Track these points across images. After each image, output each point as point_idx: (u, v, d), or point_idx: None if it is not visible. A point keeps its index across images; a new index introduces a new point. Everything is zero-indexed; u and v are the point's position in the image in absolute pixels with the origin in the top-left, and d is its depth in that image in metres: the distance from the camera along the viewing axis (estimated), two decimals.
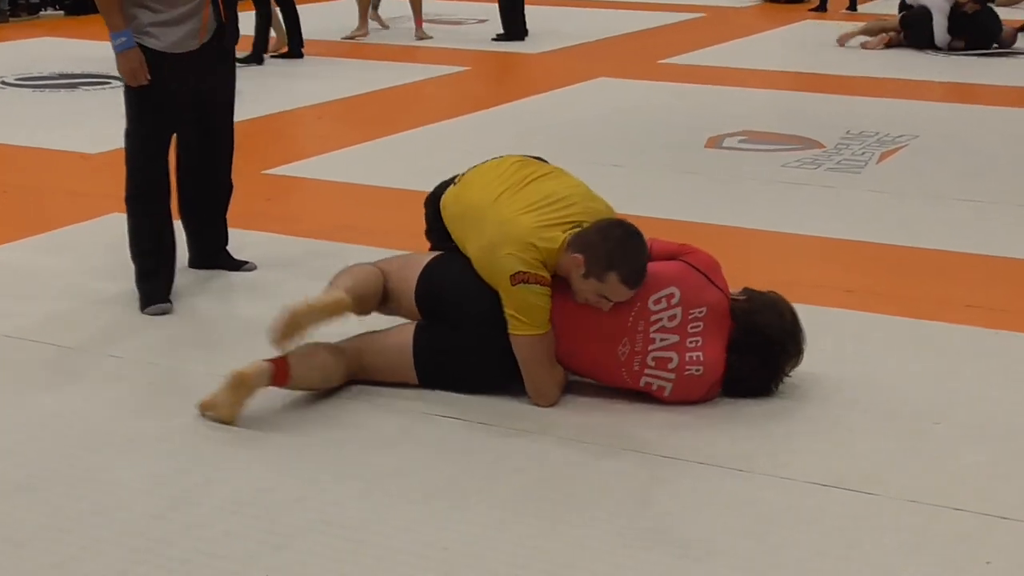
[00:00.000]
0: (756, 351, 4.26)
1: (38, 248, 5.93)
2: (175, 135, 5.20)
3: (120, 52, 4.95)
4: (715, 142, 8.34)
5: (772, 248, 6.05)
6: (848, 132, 8.60)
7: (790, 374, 4.36)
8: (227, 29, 5.13)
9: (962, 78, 11.04)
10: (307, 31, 13.24)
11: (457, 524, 3.49)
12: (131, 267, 5.16)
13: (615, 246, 4.10)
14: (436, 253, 4.44)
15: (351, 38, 13.06)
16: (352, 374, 4.30)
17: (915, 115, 9.30)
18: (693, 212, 6.56)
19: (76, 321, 4.97)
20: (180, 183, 5.38)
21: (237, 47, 5.42)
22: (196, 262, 5.49)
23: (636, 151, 8.07)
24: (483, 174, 4.45)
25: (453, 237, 4.42)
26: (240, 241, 5.64)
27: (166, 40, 5.00)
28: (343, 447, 3.95)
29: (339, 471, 3.79)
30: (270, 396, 4.19)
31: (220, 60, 5.21)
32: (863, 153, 8.00)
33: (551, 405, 4.22)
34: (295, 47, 11.60)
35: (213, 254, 5.50)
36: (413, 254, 4.51)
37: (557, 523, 3.50)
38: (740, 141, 8.37)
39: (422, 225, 5.77)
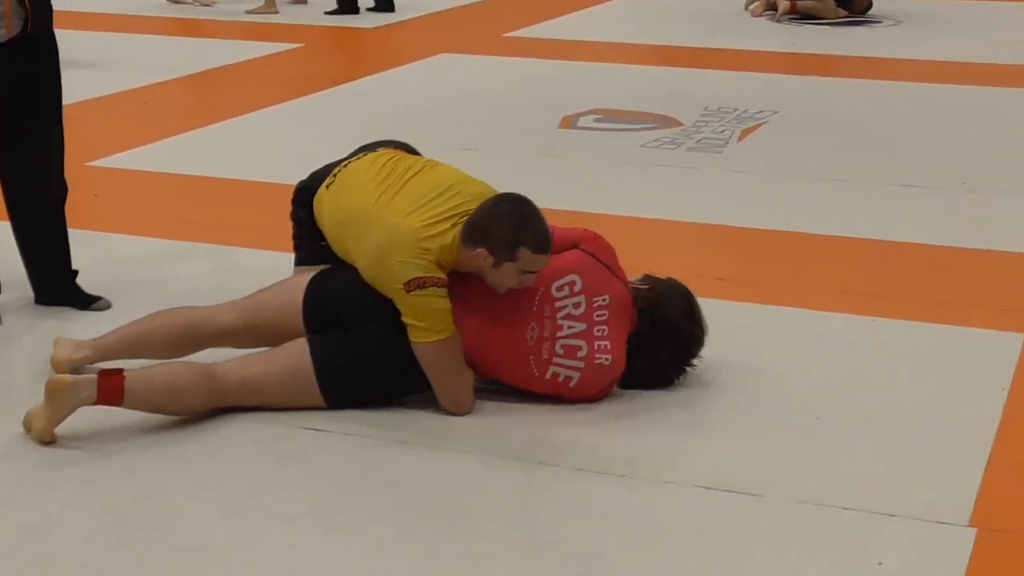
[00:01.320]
0: (665, 341, 4.37)
1: None
2: None
3: None
4: (569, 122, 8.41)
5: (637, 235, 6.12)
6: (706, 109, 8.74)
7: (694, 365, 4.45)
8: (32, 14, 4.78)
9: (817, 49, 11.26)
10: (124, 4, 13.04)
11: (334, 545, 3.48)
12: None
13: (509, 221, 4.14)
14: (312, 271, 4.41)
15: (255, 12, 12.84)
16: (221, 401, 4.18)
17: (773, 89, 9.48)
18: (551, 198, 6.48)
19: None
20: (8, 195, 5.07)
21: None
22: (41, 297, 5.13)
23: (487, 133, 8.11)
24: (358, 174, 4.43)
25: (332, 245, 4.40)
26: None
27: None
28: (203, 463, 3.91)
29: (198, 491, 3.74)
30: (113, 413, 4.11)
31: (33, 50, 4.86)
32: (723, 131, 8.14)
33: (464, 412, 4.23)
34: None
35: (58, 284, 5.13)
36: (281, 282, 4.46)
37: (440, 538, 3.52)
38: (595, 120, 8.46)
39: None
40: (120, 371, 4.07)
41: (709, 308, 4.56)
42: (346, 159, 4.59)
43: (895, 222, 6.35)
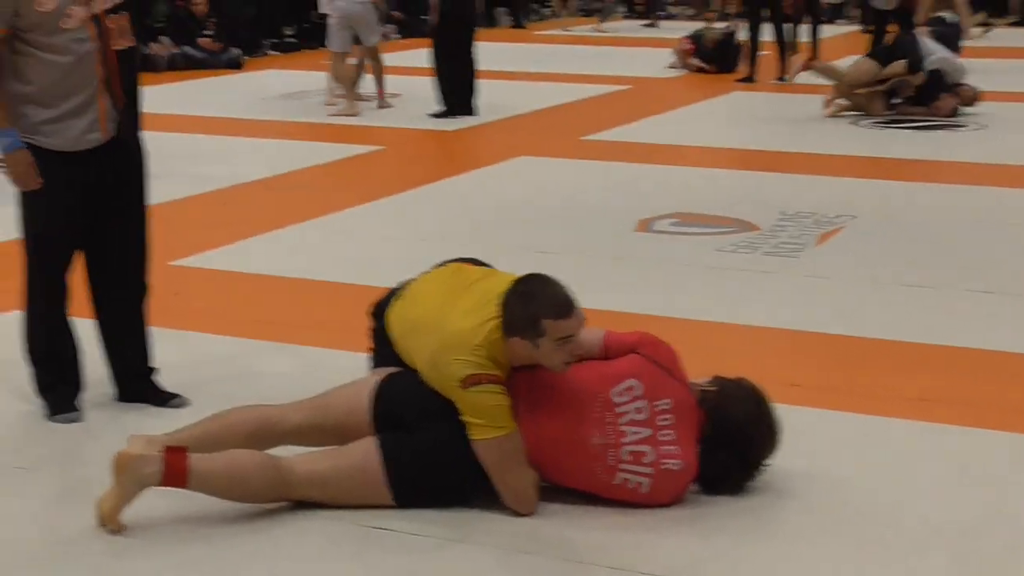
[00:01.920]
0: (734, 445, 4.38)
1: None
2: (78, 240, 5.02)
3: (6, 154, 4.79)
4: (646, 225, 8.47)
5: (710, 339, 6.16)
6: (783, 213, 8.78)
7: (768, 465, 4.46)
8: (123, 118, 4.95)
9: (896, 153, 11.28)
10: (209, 105, 13.33)
11: None
12: None
13: (520, 302, 4.22)
14: (381, 373, 4.49)
15: (338, 114, 13.17)
16: (287, 493, 4.26)
17: (851, 193, 9.50)
18: (625, 301, 6.66)
19: None
20: (93, 294, 5.16)
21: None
22: (122, 394, 5.23)
23: (563, 236, 8.19)
24: (424, 286, 4.57)
25: (401, 355, 4.51)
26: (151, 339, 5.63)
27: (61, 138, 4.83)
28: (267, 560, 3.97)
29: None
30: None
31: (122, 154, 4.99)
32: (800, 236, 8.17)
33: (530, 510, 4.26)
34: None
35: (137, 380, 5.22)
36: (350, 383, 4.53)
37: None
38: (672, 224, 8.52)
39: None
40: (184, 449, 4.15)
41: (781, 414, 4.57)
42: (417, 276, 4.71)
43: (973, 329, 6.33)
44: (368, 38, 13.28)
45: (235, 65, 17.30)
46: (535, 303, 4.21)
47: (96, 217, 5.01)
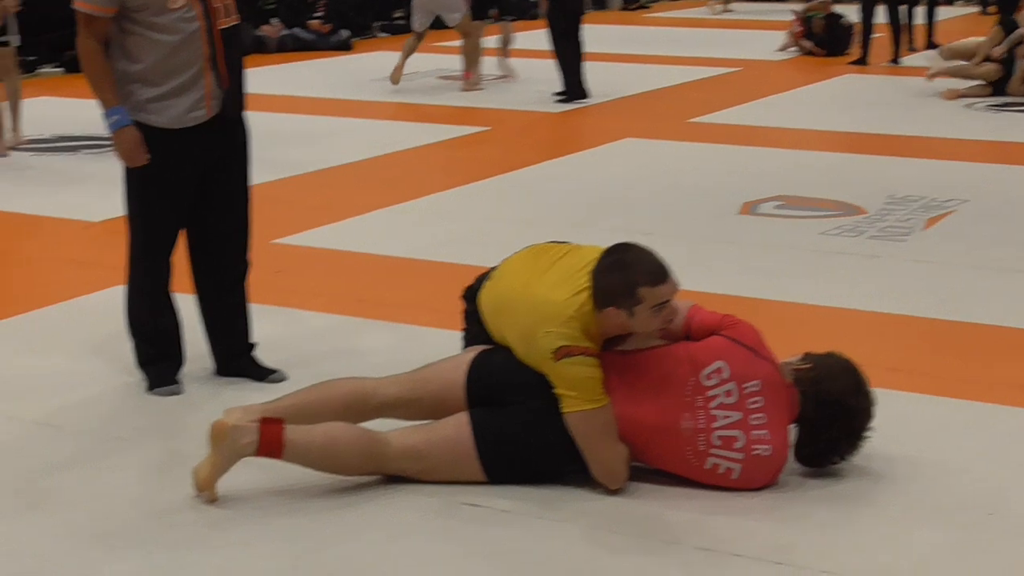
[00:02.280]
0: (836, 421, 4.33)
1: (41, 320, 6.02)
2: (183, 216, 5.08)
3: (114, 131, 4.86)
4: (750, 208, 8.41)
5: (811, 323, 6.10)
6: (892, 196, 8.66)
7: (869, 436, 4.41)
8: (228, 96, 4.98)
9: (1011, 136, 11.09)
10: (317, 87, 13.45)
11: None
12: None
13: (615, 271, 4.22)
14: (476, 350, 4.51)
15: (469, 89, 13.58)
16: (381, 466, 4.29)
17: (964, 177, 9.35)
18: (728, 284, 6.61)
19: (78, 398, 5.04)
20: (195, 270, 5.23)
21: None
22: (221, 369, 5.30)
23: (667, 218, 8.15)
24: (511, 265, 4.58)
25: (492, 334, 4.52)
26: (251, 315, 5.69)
27: (167, 115, 4.89)
28: (364, 534, 4.00)
29: (357, 562, 3.83)
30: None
31: (227, 131, 5.05)
32: (908, 219, 8.05)
33: (620, 484, 4.26)
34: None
35: (237, 356, 5.29)
36: (446, 358, 4.55)
37: None
38: (777, 207, 8.44)
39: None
40: (280, 420, 4.19)
41: (882, 398, 4.51)
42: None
43: None
44: (449, 18, 13.50)
45: (344, 47, 17.42)
46: (631, 271, 4.20)
47: (200, 194, 5.07)
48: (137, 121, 4.88)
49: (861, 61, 15.77)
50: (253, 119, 5.24)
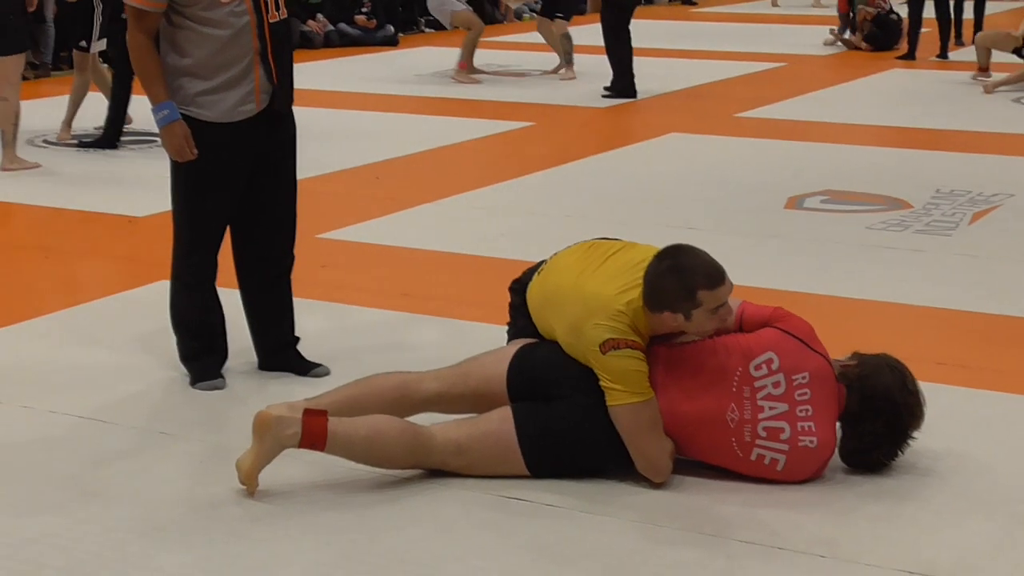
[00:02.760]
0: (880, 416, 4.31)
1: (85, 315, 6.07)
2: (231, 210, 5.08)
3: (163, 126, 4.87)
4: (795, 202, 8.38)
5: (857, 317, 6.08)
6: (938, 191, 8.61)
7: (915, 438, 4.39)
8: (278, 90, 4.99)
9: None
10: (363, 82, 13.47)
11: None
12: None
13: (673, 276, 4.19)
14: (520, 343, 4.52)
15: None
16: (424, 460, 4.29)
17: (1010, 171, 9.29)
18: (773, 279, 6.59)
19: (123, 393, 5.08)
20: (240, 265, 5.23)
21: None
22: (264, 363, 5.30)
23: (712, 212, 8.13)
24: (562, 259, 4.58)
25: (539, 327, 4.52)
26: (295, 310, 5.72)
27: (216, 109, 4.90)
28: (405, 529, 4.01)
29: (399, 556, 3.84)
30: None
31: (276, 126, 5.05)
32: (954, 214, 8.01)
33: (664, 478, 4.25)
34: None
35: (281, 350, 5.29)
36: (489, 352, 4.56)
37: None
38: (822, 201, 8.41)
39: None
40: (324, 412, 4.20)
41: (928, 393, 4.49)
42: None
43: None
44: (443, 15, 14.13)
45: (391, 42, 17.45)
46: (689, 275, 4.19)
47: (248, 189, 5.08)
48: (186, 115, 4.90)
49: (909, 56, 15.67)
50: (298, 114, 5.25)
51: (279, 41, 4.98)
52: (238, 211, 5.12)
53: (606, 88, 12.87)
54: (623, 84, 12.82)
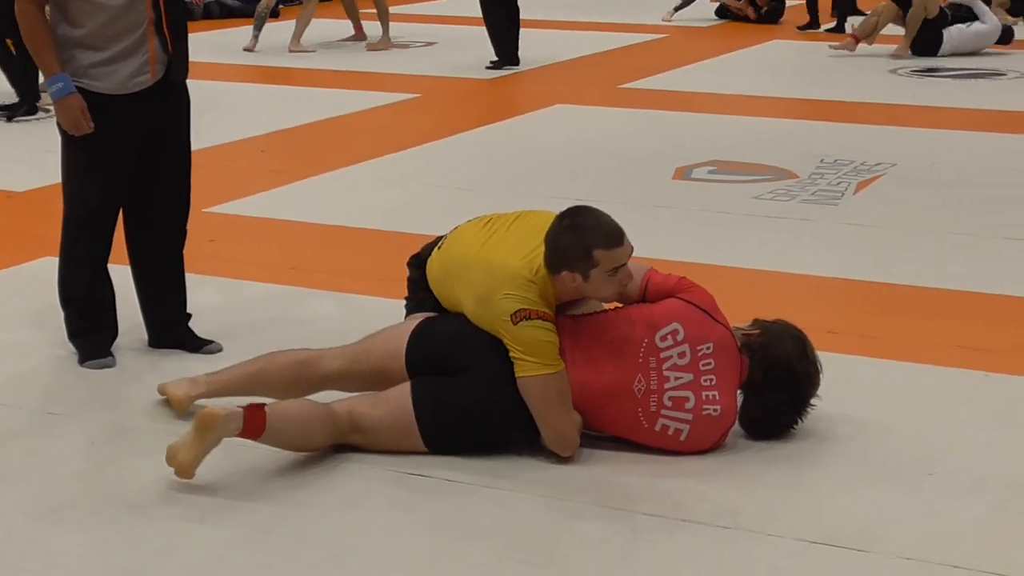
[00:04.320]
0: (782, 384, 4.34)
1: None
2: (127, 184, 4.97)
3: (58, 99, 4.75)
4: (683, 173, 8.41)
5: (749, 286, 6.11)
6: (822, 161, 8.69)
7: (814, 405, 4.42)
8: (173, 60, 4.92)
9: (937, 101, 11.17)
10: (243, 54, 13.31)
11: None
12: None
13: (570, 233, 4.19)
14: (419, 317, 4.47)
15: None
16: (340, 438, 4.26)
17: (892, 141, 9.41)
18: (664, 249, 6.57)
19: (9, 372, 4.96)
20: (132, 240, 5.14)
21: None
22: (155, 340, 5.20)
23: (601, 183, 8.12)
24: (463, 232, 4.55)
25: (441, 300, 4.48)
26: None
27: (110, 81, 4.80)
28: (312, 508, 3.96)
29: (306, 535, 3.79)
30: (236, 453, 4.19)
31: (170, 97, 4.98)
32: (839, 183, 8.09)
33: (571, 452, 4.23)
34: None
35: (173, 327, 5.20)
36: (388, 327, 4.52)
37: None
38: (709, 172, 8.45)
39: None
40: (263, 406, 4.14)
41: (823, 361, 4.54)
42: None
43: (1012, 277, 6.26)
44: None
45: (271, 14, 17.18)
46: (586, 234, 4.17)
47: (140, 161, 4.97)
48: (80, 87, 4.77)
49: (811, 26, 15.63)
50: None
51: (174, 10, 4.89)
52: (131, 185, 5.00)
53: (492, 62, 12.79)
54: (507, 54, 12.76)
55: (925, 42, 13.40)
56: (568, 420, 4.21)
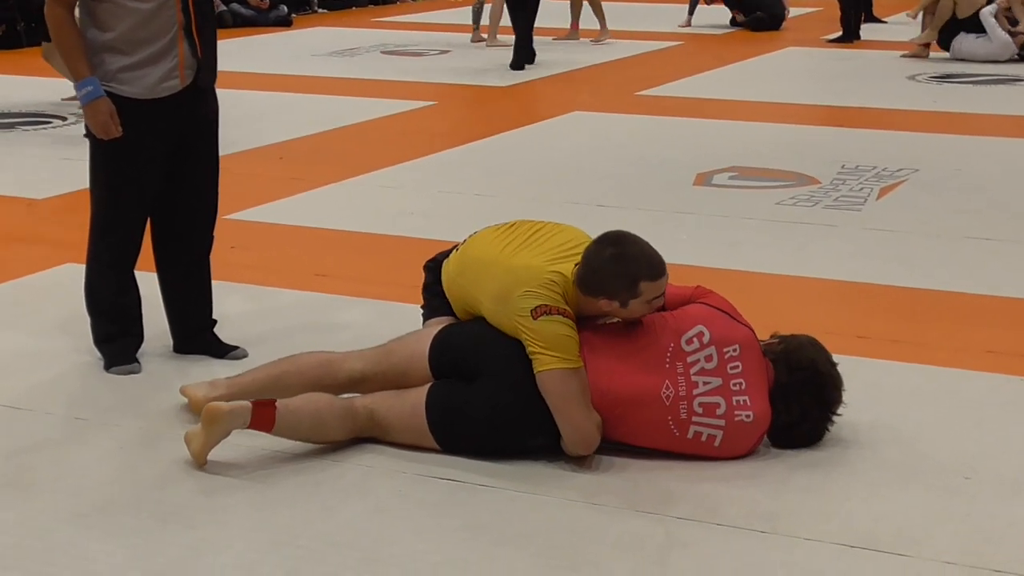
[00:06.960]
0: (807, 388, 4.31)
1: None
2: (155, 189, 4.94)
3: (87, 103, 4.72)
4: (704, 179, 8.39)
5: (775, 292, 6.09)
6: (843, 166, 8.67)
7: (840, 414, 4.39)
8: (202, 65, 4.89)
9: (959, 107, 11.16)
10: (258, 62, 13.33)
11: None
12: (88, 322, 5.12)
13: (617, 264, 4.17)
14: (443, 322, 4.48)
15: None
16: (359, 431, 4.30)
17: (913, 147, 9.39)
18: (687, 255, 6.57)
19: (37, 379, 4.94)
20: (158, 246, 5.12)
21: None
22: (180, 346, 5.18)
23: (621, 190, 8.11)
24: (482, 237, 4.55)
25: (455, 304, 4.48)
26: None
27: (139, 85, 4.77)
28: (341, 511, 3.94)
29: (335, 539, 3.77)
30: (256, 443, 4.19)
31: (199, 102, 4.94)
32: (862, 189, 8.07)
33: (591, 450, 4.19)
34: None
35: (198, 333, 5.18)
36: (412, 332, 4.54)
37: None
38: (731, 177, 8.43)
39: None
40: (273, 402, 4.16)
41: (849, 366, 4.51)
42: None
43: None
44: None
45: (284, 23, 17.24)
46: (632, 264, 4.17)
47: (170, 167, 4.95)
48: (108, 92, 4.75)
49: (848, 37, 15.50)
50: None
51: (203, 15, 4.86)
52: (159, 190, 4.98)
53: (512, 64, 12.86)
54: (522, 53, 12.82)
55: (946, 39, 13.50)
56: (588, 417, 4.17)
